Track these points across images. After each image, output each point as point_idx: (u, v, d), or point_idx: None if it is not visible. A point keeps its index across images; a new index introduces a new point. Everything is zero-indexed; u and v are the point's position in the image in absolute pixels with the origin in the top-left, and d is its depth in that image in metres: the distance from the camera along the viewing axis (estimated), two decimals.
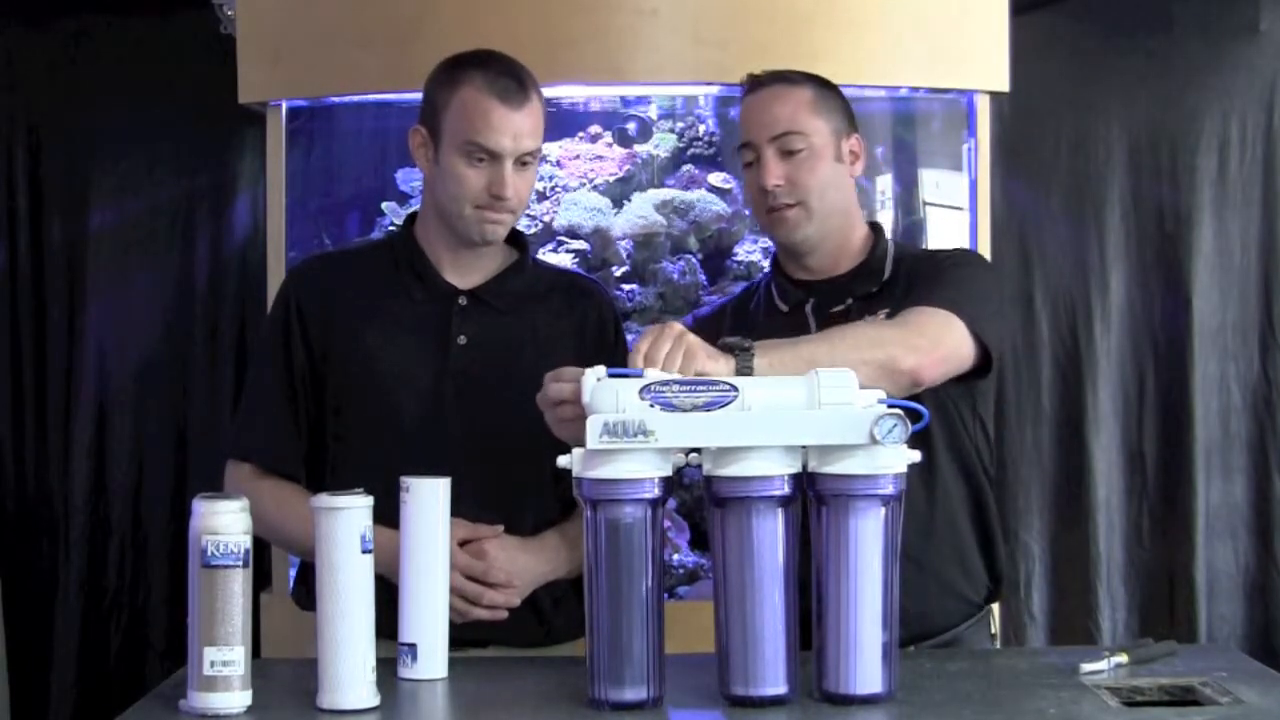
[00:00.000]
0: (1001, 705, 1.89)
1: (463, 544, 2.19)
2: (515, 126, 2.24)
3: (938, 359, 2.15)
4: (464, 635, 2.13)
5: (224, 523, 1.82)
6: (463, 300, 2.31)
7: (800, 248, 2.38)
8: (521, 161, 2.26)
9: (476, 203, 2.25)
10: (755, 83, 2.40)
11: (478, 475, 2.22)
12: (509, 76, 2.26)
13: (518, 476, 2.27)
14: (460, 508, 2.09)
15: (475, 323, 2.31)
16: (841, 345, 2.05)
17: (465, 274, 2.33)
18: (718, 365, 1.96)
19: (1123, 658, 2.02)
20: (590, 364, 1.97)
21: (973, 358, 2.22)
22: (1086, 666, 2.00)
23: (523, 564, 2.23)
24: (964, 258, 2.41)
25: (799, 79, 2.39)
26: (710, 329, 2.39)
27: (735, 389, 1.85)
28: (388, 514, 1.99)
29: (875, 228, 2.45)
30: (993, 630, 2.44)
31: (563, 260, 3.21)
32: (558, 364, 2.16)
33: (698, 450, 1.86)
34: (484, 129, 2.23)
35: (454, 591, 2.10)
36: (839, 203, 2.38)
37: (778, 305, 2.41)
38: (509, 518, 2.26)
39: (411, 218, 2.40)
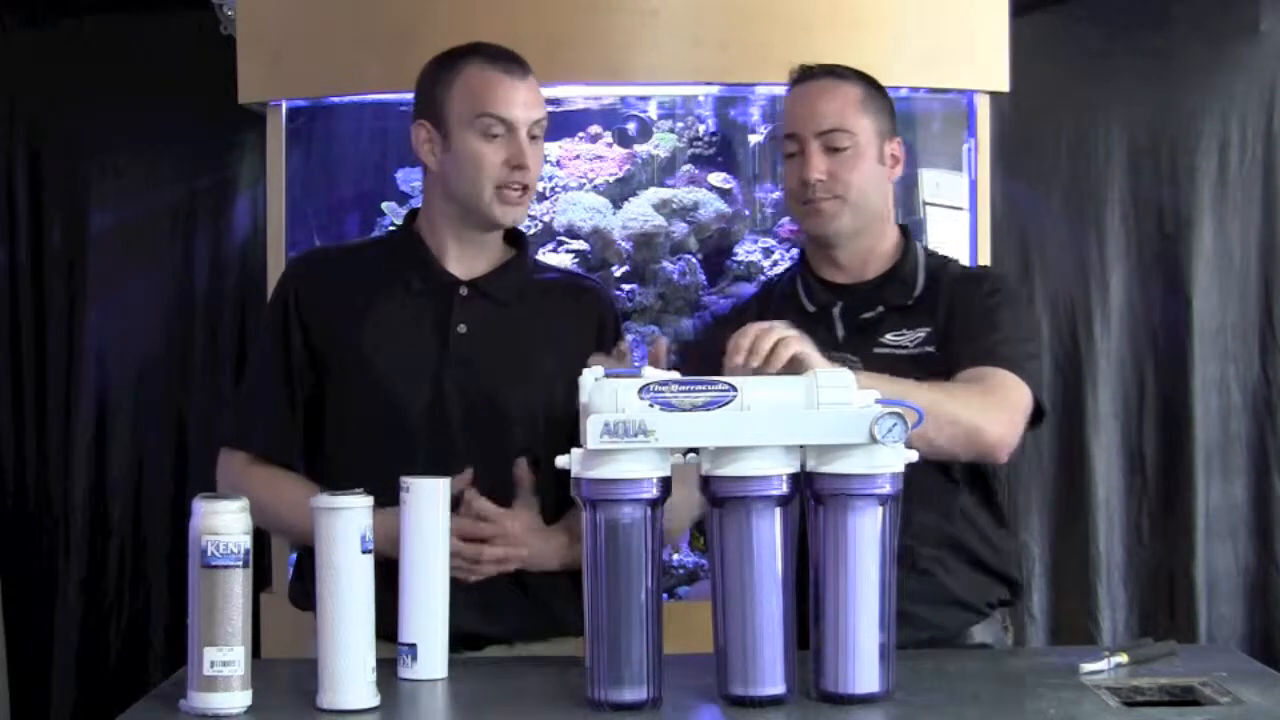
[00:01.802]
0: (1001, 705, 1.89)
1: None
2: (523, 96, 2.27)
3: (1016, 433, 2.23)
4: (464, 632, 2.13)
5: (224, 523, 1.82)
6: (463, 290, 2.31)
7: (832, 240, 2.38)
8: (531, 135, 2.27)
9: (497, 182, 2.25)
10: (805, 75, 2.39)
11: (478, 463, 2.22)
12: (505, 55, 2.29)
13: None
14: (462, 495, 2.10)
15: (475, 312, 2.30)
16: (940, 397, 2.10)
17: (467, 266, 2.33)
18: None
19: (1123, 658, 2.02)
20: (590, 362, 1.96)
21: None
22: (1086, 666, 2.00)
23: (527, 521, 2.23)
24: (1006, 294, 2.38)
25: (849, 75, 2.39)
26: (733, 328, 2.39)
27: (734, 388, 1.85)
28: (390, 504, 2.00)
29: (905, 231, 2.45)
30: (1006, 624, 2.43)
31: (563, 260, 3.21)
32: (558, 358, 2.17)
33: (695, 451, 1.86)
34: (493, 100, 2.25)
35: (455, 555, 2.09)
36: (876, 203, 2.38)
37: (804, 305, 2.40)
38: (510, 504, 2.25)
39: (412, 215, 2.40)
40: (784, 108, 2.42)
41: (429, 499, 2.01)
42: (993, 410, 2.19)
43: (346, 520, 1.87)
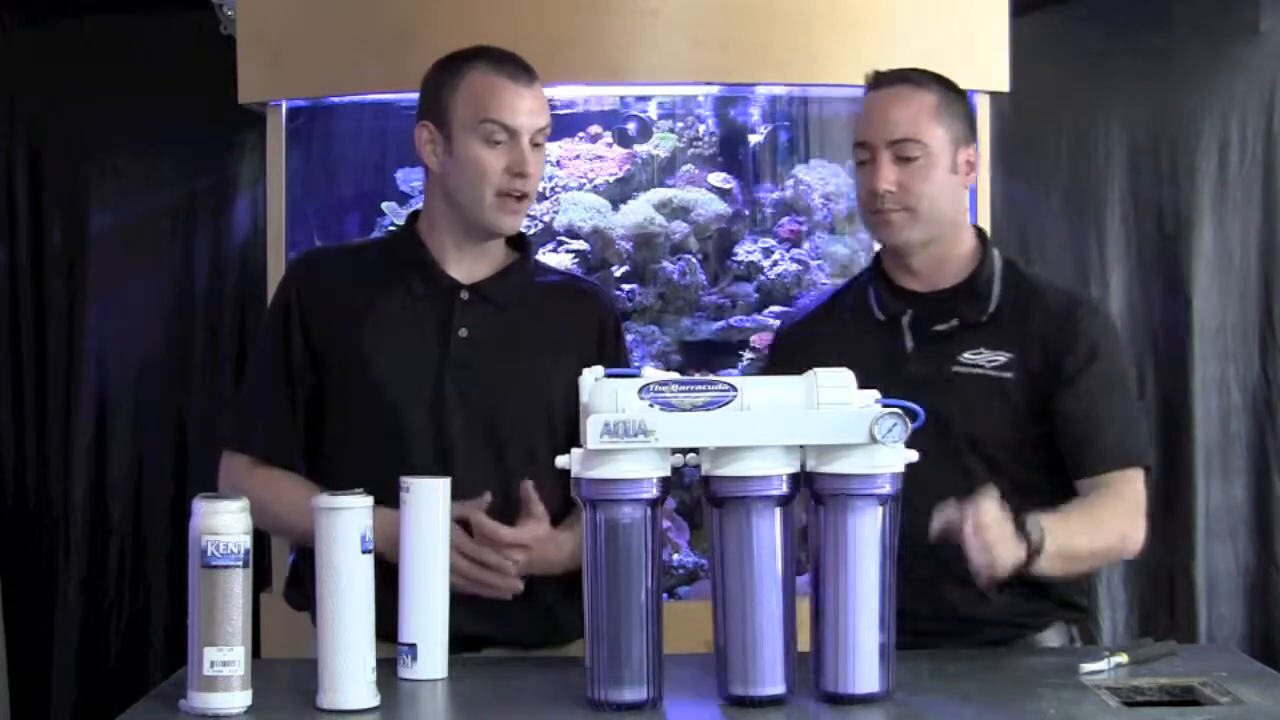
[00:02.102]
0: (1001, 705, 1.89)
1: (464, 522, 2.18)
2: (527, 103, 2.26)
3: (1144, 527, 2.29)
4: (464, 634, 2.14)
5: (224, 523, 1.82)
6: (465, 294, 2.31)
7: (902, 250, 2.34)
8: (534, 142, 2.27)
9: (498, 188, 2.25)
10: (880, 80, 2.35)
11: (479, 467, 2.22)
12: (511, 60, 2.28)
13: (519, 469, 2.26)
14: (462, 499, 2.10)
15: (476, 316, 2.30)
16: (1099, 533, 2.22)
17: (468, 269, 2.33)
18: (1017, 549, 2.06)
19: (1123, 658, 2.02)
20: (591, 364, 1.96)
21: None
22: (1086, 666, 2.00)
23: (534, 534, 2.21)
24: (1107, 342, 2.36)
25: (925, 82, 2.33)
26: (803, 338, 2.41)
27: (734, 388, 1.85)
28: (390, 506, 2.00)
29: (982, 236, 2.41)
30: (1073, 635, 2.38)
31: (563, 260, 3.21)
32: (558, 361, 2.16)
33: (695, 451, 1.86)
34: (497, 106, 2.24)
35: (454, 572, 2.09)
36: (947, 212, 2.33)
37: (874, 314, 2.36)
38: (511, 509, 2.25)
39: (414, 216, 2.40)
40: (860, 113, 2.37)
41: (429, 499, 2.01)
42: (1135, 520, 2.26)
43: (346, 520, 1.87)
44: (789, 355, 2.38)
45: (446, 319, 2.30)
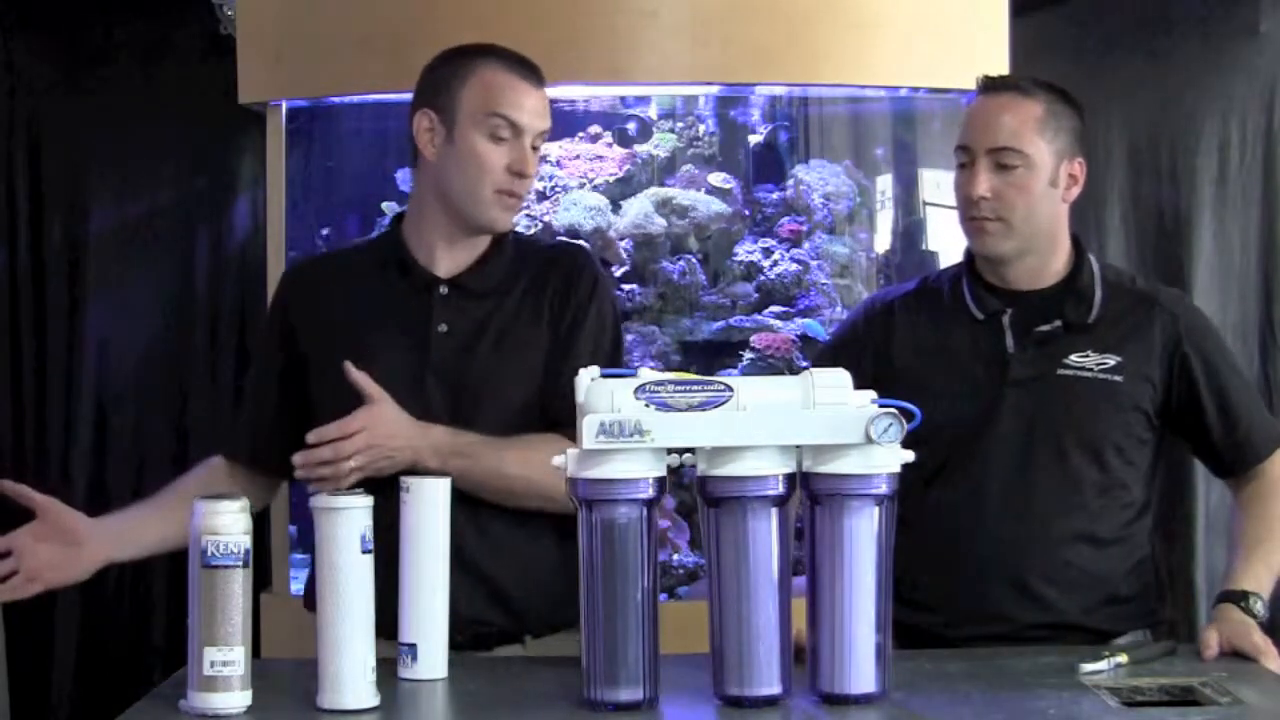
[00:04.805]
0: (1001, 705, 1.89)
1: None
2: (535, 104, 2.25)
3: None
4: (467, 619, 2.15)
5: (224, 523, 1.82)
6: (443, 289, 2.30)
7: (995, 261, 2.33)
8: (534, 145, 2.26)
9: (497, 185, 2.24)
10: (988, 85, 2.33)
11: None
12: (522, 61, 2.28)
13: None
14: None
15: (456, 309, 2.29)
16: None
17: (450, 263, 2.31)
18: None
19: (1122, 658, 2.02)
20: (558, 330, 1.93)
21: None
22: (1086, 666, 2.00)
23: (391, 410, 2.18)
24: (1209, 333, 2.38)
25: (1035, 91, 2.31)
26: (882, 325, 2.38)
27: (730, 389, 1.85)
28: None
29: (1078, 244, 2.37)
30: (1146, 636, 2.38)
31: None
32: (525, 342, 2.21)
33: (691, 451, 1.86)
34: (508, 102, 2.23)
35: (320, 464, 2.11)
36: (1043, 225, 2.30)
37: (972, 312, 2.34)
38: (497, 502, 2.25)
39: (399, 218, 2.40)
40: (964, 116, 2.35)
41: (429, 499, 2.00)
42: None
43: (346, 520, 1.87)
44: (859, 341, 2.38)
45: (426, 316, 2.29)
